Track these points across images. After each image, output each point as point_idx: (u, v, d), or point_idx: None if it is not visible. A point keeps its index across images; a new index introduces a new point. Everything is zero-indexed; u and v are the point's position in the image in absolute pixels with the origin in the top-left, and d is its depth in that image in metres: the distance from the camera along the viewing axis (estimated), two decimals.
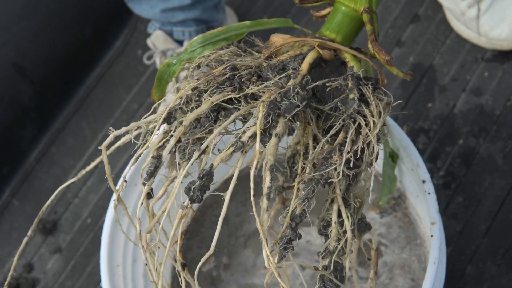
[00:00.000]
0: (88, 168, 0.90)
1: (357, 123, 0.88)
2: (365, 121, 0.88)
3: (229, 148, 0.85)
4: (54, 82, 1.61)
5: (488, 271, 1.34)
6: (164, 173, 0.93)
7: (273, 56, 0.93)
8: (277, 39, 0.93)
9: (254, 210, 0.82)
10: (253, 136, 0.85)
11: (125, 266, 1.14)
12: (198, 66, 0.94)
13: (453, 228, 1.37)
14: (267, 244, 0.81)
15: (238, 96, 0.87)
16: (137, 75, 1.62)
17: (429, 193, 1.03)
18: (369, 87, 0.89)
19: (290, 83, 0.87)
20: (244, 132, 0.86)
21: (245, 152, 0.86)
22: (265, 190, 0.83)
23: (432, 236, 1.00)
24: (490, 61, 1.50)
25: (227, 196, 0.84)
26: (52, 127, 1.60)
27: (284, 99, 0.86)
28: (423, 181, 1.04)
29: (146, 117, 0.90)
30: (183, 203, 0.85)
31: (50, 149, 1.59)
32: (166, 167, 0.91)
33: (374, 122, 0.88)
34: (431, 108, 1.48)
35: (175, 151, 0.89)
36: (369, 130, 0.87)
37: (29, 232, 0.88)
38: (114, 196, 0.92)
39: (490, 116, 1.45)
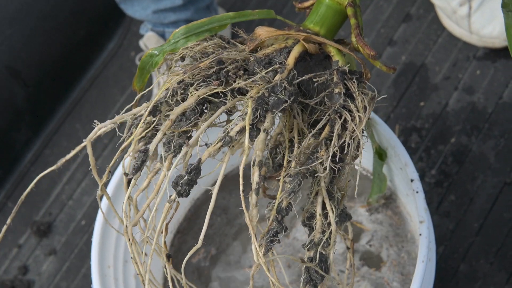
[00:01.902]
0: (68, 156, 0.89)
1: (343, 118, 0.88)
2: (351, 115, 0.88)
3: (217, 143, 0.85)
4: (48, 85, 1.61)
5: (481, 269, 1.34)
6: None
7: (258, 49, 0.93)
8: (262, 32, 0.93)
9: (243, 205, 0.82)
10: (241, 131, 0.86)
11: (116, 267, 1.15)
12: (182, 58, 0.94)
13: (446, 226, 1.38)
14: (256, 238, 0.82)
15: (225, 90, 0.88)
16: (130, 76, 1.62)
17: (417, 192, 1.03)
18: (354, 82, 0.90)
19: (277, 77, 0.88)
20: (231, 127, 0.86)
21: (233, 146, 0.87)
22: (254, 186, 0.83)
23: (420, 234, 1.00)
24: (482, 59, 1.50)
25: (215, 190, 0.84)
26: (46, 129, 1.61)
27: (272, 94, 0.86)
28: (412, 180, 1.05)
29: (128, 109, 0.91)
30: (170, 196, 0.86)
31: (44, 151, 1.60)
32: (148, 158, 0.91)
33: (359, 117, 0.88)
34: (423, 107, 1.48)
35: (154, 142, 0.89)
36: (355, 125, 0.88)
37: (8, 221, 0.88)
38: (99, 189, 0.92)
39: (482, 114, 1.45)
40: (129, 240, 0.87)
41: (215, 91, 0.88)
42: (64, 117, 1.61)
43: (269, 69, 0.89)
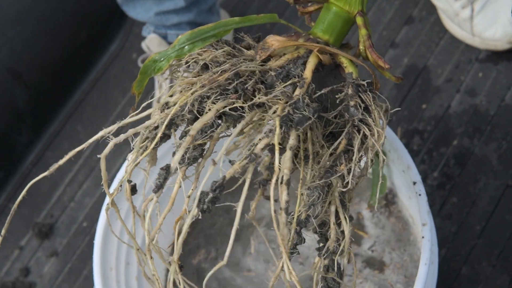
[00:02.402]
0: (61, 161, 0.90)
1: (361, 132, 0.88)
2: (369, 130, 0.88)
3: (242, 160, 0.85)
4: (49, 87, 1.61)
5: (483, 271, 1.34)
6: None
7: (269, 58, 0.92)
8: (274, 42, 0.92)
9: (274, 224, 0.82)
10: (266, 148, 0.85)
11: (118, 269, 1.14)
12: (188, 64, 0.93)
13: (448, 229, 1.37)
14: (289, 258, 0.82)
15: (244, 104, 0.87)
16: (132, 78, 1.62)
17: (420, 195, 1.03)
18: (368, 94, 0.89)
19: (297, 92, 0.87)
20: (256, 144, 0.86)
21: (256, 163, 0.87)
22: (283, 205, 0.83)
23: (423, 237, 1.00)
24: (484, 62, 1.50)
25: (239, 207, 0.84)
26: (47, 132, 1.61)
27: (296, 111, 0.85)
28: (414, 183, 1.04)
29: (131, 115, 0.90)
30: (189, 212, 0.85)
31: (45, 153, 1.59)
32: (146, 161, 0.91)
33: (378, 132, 0.88)
34: (425, 109, 1.48)
35: (157, 148, 0.89)
36: (375, 140, 0.88)
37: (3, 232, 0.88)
38: (107, 200, 0.92)
39: (485, 116, 1.45)
40: (145, 253, 0.87)
41: (234, 105, 0.87)
42: (65, 119, 1.61)
43: (288, 82, 0.88)
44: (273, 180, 0.83)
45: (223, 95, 0.87)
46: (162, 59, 0.93)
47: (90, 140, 0.89)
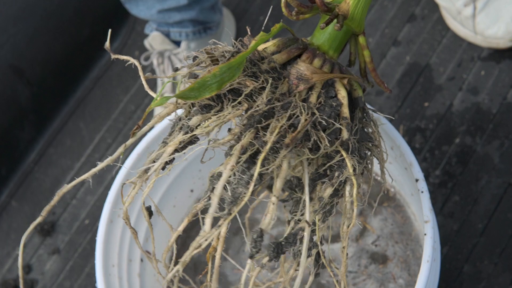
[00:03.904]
0: (53, 202, 0.90)
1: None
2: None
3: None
4: (52, 83, 1.61)
5: (485, 270, 1.34)
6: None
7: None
8: (311, 74, 0.91)
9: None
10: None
11: (121, 266, 1.14)
12: (194, 75, 0.93)
13: (450, 227, 1.37)
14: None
15: (314, 157, 0.89)
16: (134, 76, 1.62)
17: (422, 192, 1.03)
18: (368, 114, 0.94)
19: (345, 135, 0.89)
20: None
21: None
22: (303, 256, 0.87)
23: (425, 234, 1.00)
24: (486, 60, 1.50)
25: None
26: (49, 128, 1.61)
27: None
28: (416, 180, 1.04)
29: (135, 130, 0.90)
30: (251, 258, 0.88)
31: (48, 150, 1.60)
32: (137, 177, 0.91)
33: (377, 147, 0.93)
34: (427, 107, 1.48)
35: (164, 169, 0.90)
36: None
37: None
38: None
39: (487, 115, 1.45)
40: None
41: (306, 157, 0.88)
42: (68, 116, 1.62)
43: (337, 125, 0.89)
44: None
45: (296, 148, 0.88)
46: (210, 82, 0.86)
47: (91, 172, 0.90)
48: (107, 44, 0.93)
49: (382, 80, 1.49)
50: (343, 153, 0.88)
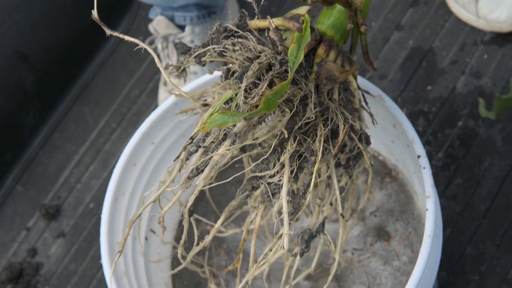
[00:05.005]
0: None
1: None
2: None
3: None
4: (56, 69, 1.62)
5: (487, 251, 1.34)
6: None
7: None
8: (339, 73, 0.95)
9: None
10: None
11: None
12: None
13: (453, 209, 1.38)
14: None
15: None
16: (138, 61, 1.63)
17: (424, 168, 1.04)
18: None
19: (358, 126, 0.97)
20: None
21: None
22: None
23: (427, 209, 1.01)
24: (489, 44, 1.50)
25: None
26: (54, 114, 1.61)
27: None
28: (418, 156, 1.05)
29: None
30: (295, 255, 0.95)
31: (52, 135, 1.60)
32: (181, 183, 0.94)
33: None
34: (430, 91, 1.48)
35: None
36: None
37: None
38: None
39: (490, 98, 1.45)
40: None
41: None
42: (72, 102, 1.62)
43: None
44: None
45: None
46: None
47: None
48: (108, 31, 0.95)
49: (384, 64, 1.50)
50: (360, 146, 0.96)
